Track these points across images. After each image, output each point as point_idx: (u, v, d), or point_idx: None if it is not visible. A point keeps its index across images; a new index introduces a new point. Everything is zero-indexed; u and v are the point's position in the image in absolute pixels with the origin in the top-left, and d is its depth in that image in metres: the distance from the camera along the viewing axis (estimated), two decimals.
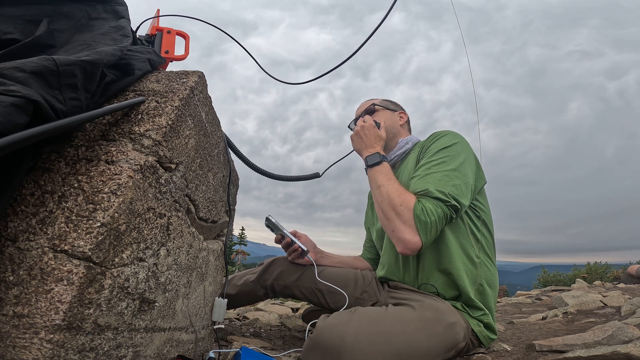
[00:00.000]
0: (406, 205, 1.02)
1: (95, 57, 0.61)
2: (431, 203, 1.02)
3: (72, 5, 0.82)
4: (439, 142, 1.17)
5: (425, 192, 1.03)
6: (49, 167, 0.57)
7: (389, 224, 1.05)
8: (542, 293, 3.23)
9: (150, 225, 0.62)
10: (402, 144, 1.36)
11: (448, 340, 0.97)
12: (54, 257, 0.49)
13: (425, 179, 1.08)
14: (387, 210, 1.05)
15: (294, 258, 1.39)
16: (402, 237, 1.01)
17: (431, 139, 1.21)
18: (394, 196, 1.05)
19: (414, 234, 1.00)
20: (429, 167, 1.11)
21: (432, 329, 0.96)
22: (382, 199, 1.08)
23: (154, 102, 0.69)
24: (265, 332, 1.59)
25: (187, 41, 1.09)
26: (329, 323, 0.92)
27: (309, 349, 0.91)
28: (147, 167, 0.60)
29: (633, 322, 1.34)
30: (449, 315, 1.01)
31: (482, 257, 1.14)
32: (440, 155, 1.12)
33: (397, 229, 1.02)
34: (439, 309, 1.02)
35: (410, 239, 1.00)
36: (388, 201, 1.06)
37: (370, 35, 1.19)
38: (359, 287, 1.33)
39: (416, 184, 1.08)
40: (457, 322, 1.00)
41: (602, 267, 6.64)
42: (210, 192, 0.90)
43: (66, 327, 0.47)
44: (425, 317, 0.98)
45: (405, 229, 1.01)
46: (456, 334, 0.98)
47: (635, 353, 0.89)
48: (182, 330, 0.81)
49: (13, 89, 0.45)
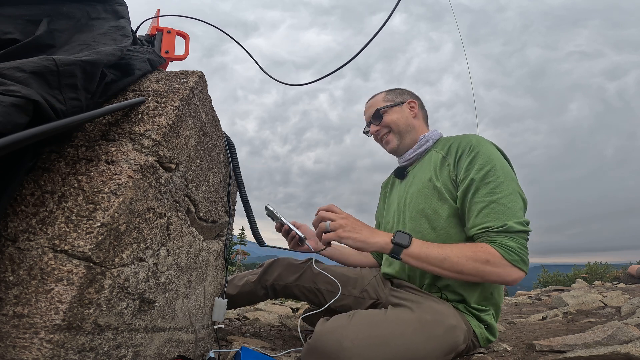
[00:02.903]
0: (492, 259, 0.96)
1: (95, 57, 0.61)
2: (514, 241, 0.97)
3: (72, 5, 0.82)
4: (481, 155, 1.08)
5: (505, 229, 0.98)
6: (49, 167, 0.57)
7: (486, 279, 0.99)
8: (542, 293, 3.23)
9: (150, 225, 0.62)
10: (422, 141, 1.28)
11: (447, 343, 0.96)
12: (54, 257, 0.49)
13: (494, 208, 1.01)
14: (477, 272, 0.98)
15: (293, 246, 1.36)
16: (509, 279, 0.98)
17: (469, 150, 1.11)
18: (471, 255, 0.98)
19: (516, 270, 0.97)
20: (489, 190, 1.03)
21: (431, 332, 0.95)
22: (462, 267, 0.98)
23: (154, 102, 0.69)
24: (265, 332, 1.59)
25: (187, 41, 1.10)
26: (327, 327, 0.91)
27: (307, 354, 0.91)
28: (147, 167, 0.60)
29: (633, 322, 1.34)
30: (449, 318, 1.00)
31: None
32: (498, 175, 1.04)
33: (499, 277, 0.97)
34: (438, 311, 1.01)
35: (516, 276, 0.97)
36: (471, 265, 0.97)
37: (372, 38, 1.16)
38: (358, 286, 1.32)
39: (487, 217, 1.01)
40: (457, 324, 1.00)
41: (602, 267, 6.64)
42: (210, 192, 0.90)
43: (66, 327, 0.47)
44: (424, 319, 0.97)
45: (506, 272, 0.97)
46: (456, 337, 0.98)
47: (635, 353, 0.89)
48: (182, 330, 0.81)
49: (13, 89, 0.45)
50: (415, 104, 1.35)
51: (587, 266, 6.89)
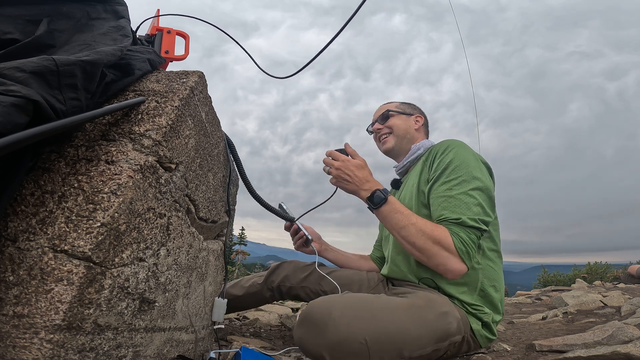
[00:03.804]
0: (444, 241, 1.03)
1: (95, 57, 0.61)
2: (465, 233, 1.04)
3: (72, 5, 0.82)
4: (450, 155, 1.16)
5: (459, 222, 1.04)
6: (49, 167, 0.57)
7: (430, 260, 1.05)
8: (542, 293, 3.23)
9: (150, 225, 0.62)
10: (414, 149, 1.37)
11: (439, 328, 0.97)
12: (54, 257, 0.49)
13: (451, 202, 1.08)
14: (425, 248, 1.04)
15: (299, 246, 1.46)
16: (451, 268, 1.04)
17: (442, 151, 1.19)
18: (428, 232, 1.04)
19: (459, 262, 1.03)
20: (450, 187, 1.10)
21: (422, 315, 0.97)
22: (415, 238, 1.05)
23: (154, 102, 0.68)
24: (265, 332, 1.59)
25: (187, 41, 1.10)
26: (319, 300, 0.96)
27: (298, 324, 0.94)
28: (147, 167, 0.60)
29: (633, 322, 1.34)
30: (441, 305, 1.02)
31: (484, 263, 1.14)
32: (459, 174, 1.11)
33: (443, 262, 1.04)
34: (431, 299, 1.04)
35: (458, 268, 1.04)
36: (423, 240, 1.04)
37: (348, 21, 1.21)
38: (362, 289, 1.33)
39: (444, 210, 1.08)
40: (450, 311, 1.02)
41: (602, 267, 6.64)
42: (210, 192, 0.90)
43: (66, 327, 0.47)
44: (417, 304, 1.01)
45: (450, 260, 1.03)
46: (448, 323, 0.99)
47: (635, 353, 0.89)
48: (182, 330, 0.81)
49: (13, 89, 0.45)
50: (421, 120, 1.45)
51: (587, 266, 6.90)
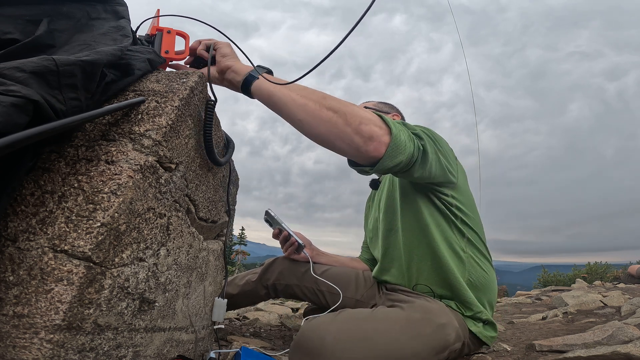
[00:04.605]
0: (358, 107, 0.81)
1: (95, 57, 0.61)
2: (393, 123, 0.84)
3: (72, 5, 0.82)
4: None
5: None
6: (49, 167, 0.57)
7: (349, 118, 0.79)
8: (542, 293, 3.23)
9: (150, 225, 0.62)
10: None
11: (437, 341, 0.94)
12: (54, 257, 0.49)
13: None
14: (337, 107, 0.80)
15: (290, 253, 1.38)
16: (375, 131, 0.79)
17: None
18: (329, 100, 0.82)
19: (383, 125, 0.82)
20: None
21: (419, 330, 0.94)
22: (324, 102, 0.81)
23: (154, 102, 0.68)
24: (265, 332, 1.59)
25: (187, 41, 1.09)
26: (311, 324, 0.91)
27: (292, 351, 0.90)
28: (147, 167, 0.60)
29: (633, 322, 1.34)
30: (439, 317, 0.99)
31: (470, 252, 1.12)
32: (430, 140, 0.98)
33: (352, 117, 0.79)
34: (428, 309, 1.00)
35: (378, 132, 0.80)
36: (331, 100, 0.81)
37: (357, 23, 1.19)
38: (360, 289, 1.33)
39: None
40: (448, 322, 0.99)
41: (602, 267, 6.64)
42: (210, 192, 0.90)
43: (66, 327, 0.47)
44: (413, 317, 0.97)
45: (374, 120, 0.81)
46: (446, 335, 0.96)
47: (635, 353, 0.89)
48: (182, 330, 0.81)
49: (13, 89, 0.45)
50: (398, 118, 1.43)
51: (587, 266, 6.90)
